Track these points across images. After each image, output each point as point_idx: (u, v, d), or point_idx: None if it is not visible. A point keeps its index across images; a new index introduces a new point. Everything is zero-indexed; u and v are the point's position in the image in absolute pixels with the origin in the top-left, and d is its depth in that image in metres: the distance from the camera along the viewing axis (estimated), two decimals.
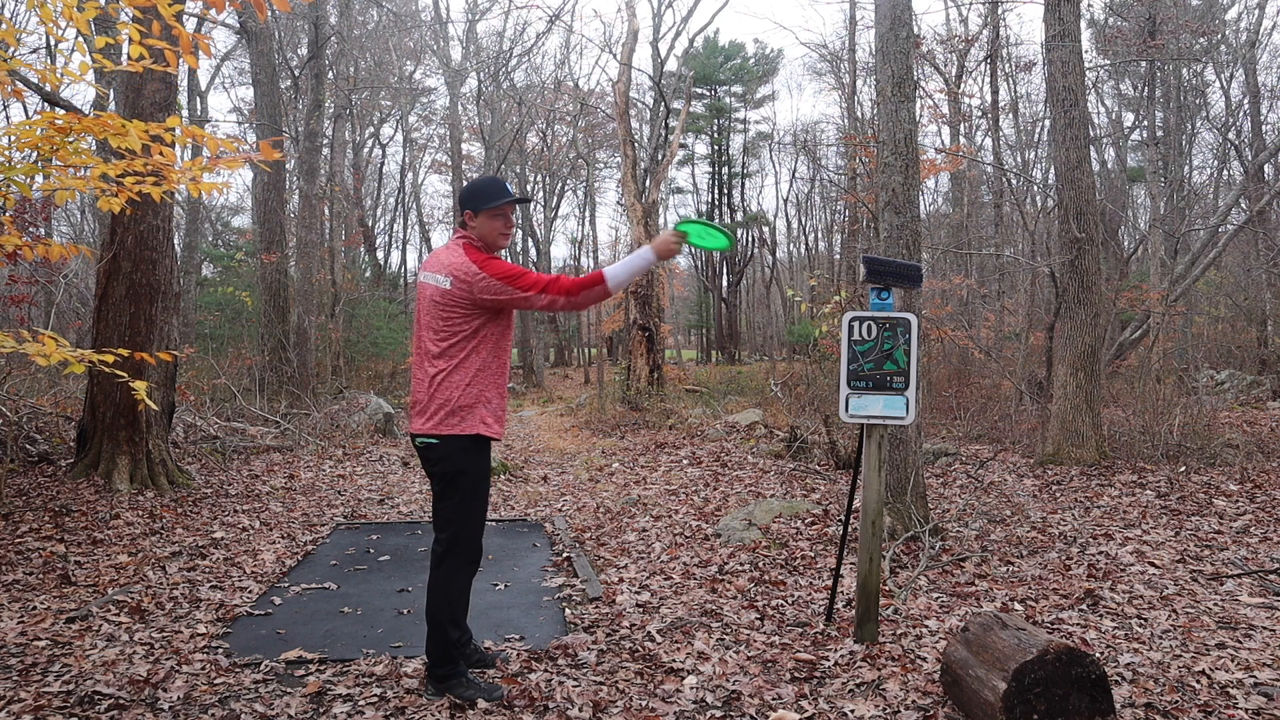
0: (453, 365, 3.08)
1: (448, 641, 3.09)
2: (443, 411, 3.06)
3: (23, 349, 3.39)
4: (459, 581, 3.15)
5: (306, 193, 15.52)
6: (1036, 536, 5.32)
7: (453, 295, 3.05)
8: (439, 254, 3.17)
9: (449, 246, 3.18)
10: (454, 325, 3.08)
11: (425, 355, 3.12)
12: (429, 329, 3.11)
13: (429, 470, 3.17)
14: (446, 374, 3.08)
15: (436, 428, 3.06)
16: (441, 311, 3.07)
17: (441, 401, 3.06)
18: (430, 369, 3.09)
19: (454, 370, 3.08)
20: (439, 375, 3.08)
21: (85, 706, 3.00)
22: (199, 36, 3.52)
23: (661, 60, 20.31)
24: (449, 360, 3.08)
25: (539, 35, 37.59)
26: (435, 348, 3.09)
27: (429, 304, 3.11)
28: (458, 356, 3.08)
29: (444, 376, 3.08)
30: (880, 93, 5.45)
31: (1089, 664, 2.66)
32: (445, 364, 3.08)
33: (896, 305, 4.48)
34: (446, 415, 3.06)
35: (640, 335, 15.32)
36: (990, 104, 17.77)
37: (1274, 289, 15.34)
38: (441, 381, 3.07)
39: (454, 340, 3.09)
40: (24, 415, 7.82)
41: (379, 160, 31.64)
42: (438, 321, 3.08)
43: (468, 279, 3.04)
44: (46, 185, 3.82)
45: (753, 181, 41.37)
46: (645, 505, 6.76)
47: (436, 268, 3.12)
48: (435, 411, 3.07)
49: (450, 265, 3.08)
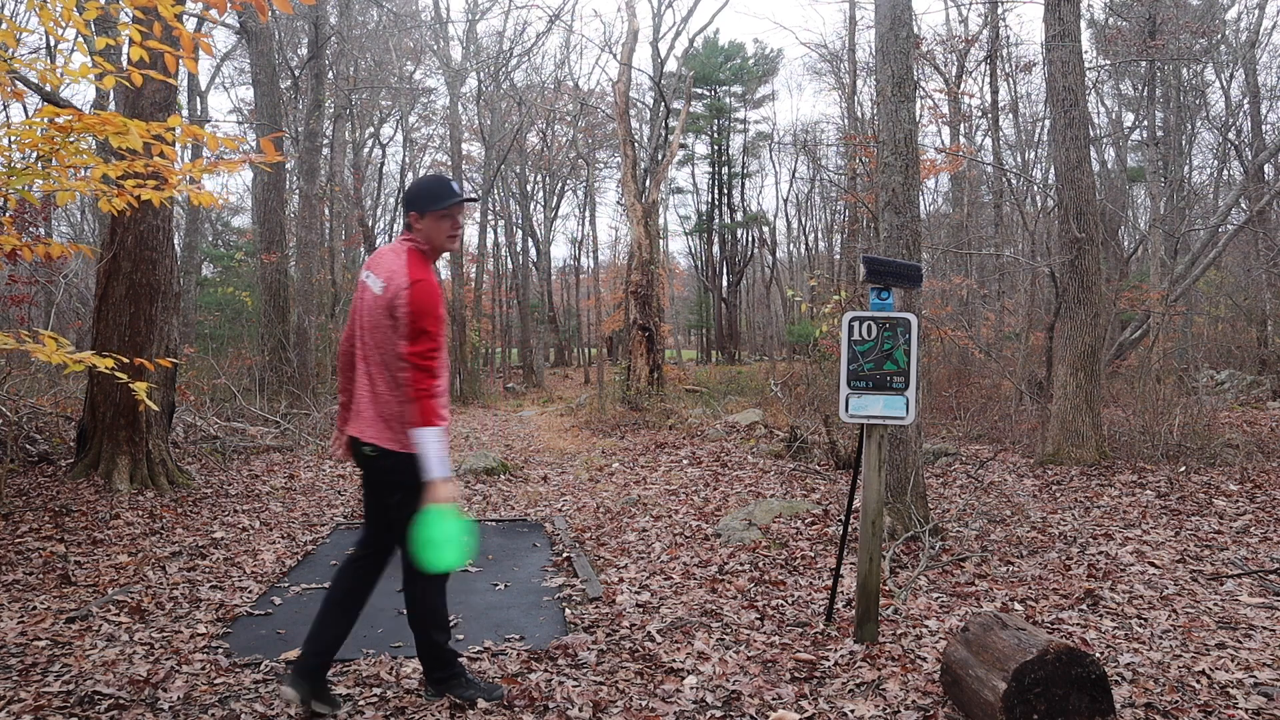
0: (399, 376, 2.90)
1: (440, 646, 3.06)
2: (382, 425, 2.88)
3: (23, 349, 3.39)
4: (437, 587, 3.09)
5: (306, 193, 15.52)
6: (1036, 536, 5.33)
7: (381, 304, 2.89)
8: (384, 255, 2.98)
9: (394, 249, 2.98)
10: (392, 337, 2.92)
11: (385, 360, 2.88)
12: (371, 334, 2.90)
13: (386, 479, 2.95)
14: (391, 385, 2.90)
15: (374, 436, 2.88)
16: (376, 318, 2.90)
17: (378, 416, 2.89)
18: (380, 385, 2.89)
19: (397, 382, 2.91)
20: (386, 390, 2.89)
21: (85, 706, 3.00)
22: (199, 36, 3.52)
23: (661, 60, 20.32)
24: (403, 371, 2.88)
25: (539, 35, 37.63)
26: (386, 363, 2.89)
27: (368, 308, 2.93)
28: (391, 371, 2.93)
29: (391, 393, 2.90)
30: (880, 93, 5.45)
31: (1089, 664, 2.66)
32: (405, 374, 2.87)
33: (896, 305, 4.48)
34: (385, 429, 2.88)
35: (640, 335, 15.32)
36: (990, 104, 17.78)
37: (1274, 289, 15.34)
38: (388, 398, 2.89)
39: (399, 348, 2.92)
40: (24, 415, 7.83)
41: (379, 160, 31.65)
42: (377, 331, 2.90)
43: (393, 289, 2.85)
44: (47, 186, 3.83)
45: (753, 181, 41.44)
46: (645, 505, 6.76)
47: (377, 269, 2.95)
48: (374, 421, 2.88)
49: (391, 270, 2.89)
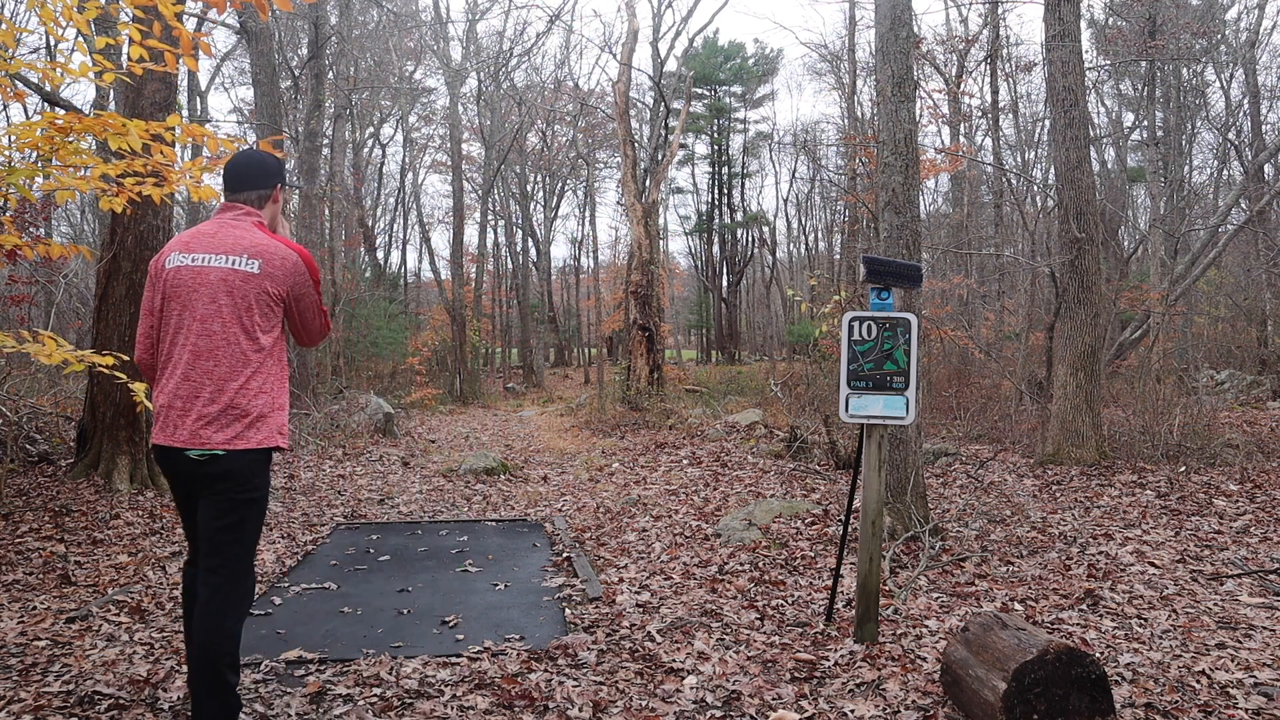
0: (261, 362, 2.65)
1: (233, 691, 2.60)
2: (246, 419, 2.58)
3: (23, 349, 3.39)
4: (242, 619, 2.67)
5: (306, 193, 15.52)
6: (1036, 536, 5.32)
7: (257, 283, 2.62)
8: (220, 233, 2.66)
9: (234, 224, 2.70)
10: (268, 317, 2.66)
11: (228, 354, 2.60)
12: (233, 318, 2.60)
13: (209, 488, 2.59)
14: (255, 372, 2.63)
15: (235, 439, 2.57)
16: (242, 299, 2.61)
17: (245, 406, 2.59)
18: (242, 374, 2.60)
19: (261, 368, 2.65)
20: (248, 381, 2.61)
21: (85, 706, 3.00)
22: (199, 35, 3.53)
23: (661, 60, 20.32)
24: (261, 356, 2.64)
25: (539, 35, 37.58)
26: (248, 342, 2.61)
27: (223, 290, 2.60)
28: (271, 352, 2.68)
29: (251, 375, 2.62)
30: (880, 93, 5.45)
31: (1089, 664, 2.66)
32: (258, 359, 2.63)
33: (896, 305, 4.48)
34: (251, 423, 2.59)
35: (640, 335, 15.32)
36: (990, 104, 17.77)
37: (1274, 289, 15.34)
38: (247, 381, 2.60)
39: (270, 333, 2.68)
40: (24, 415, 7.82)
41: (379, 160, 31.65)
42: (245, 314, 2.61)
43: (284, 270, 2.66)
44: (47, 185, 3.83)
45: (753, 181, 41.42)
46: (645, 505, 6.76)
47: (224, 248, 2.63)
48: (235, 418, 2.57)
49: (257, 248, 2.64)
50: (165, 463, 2.66)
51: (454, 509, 6.88)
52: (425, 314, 31.02)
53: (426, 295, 36.15)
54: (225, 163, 2.86)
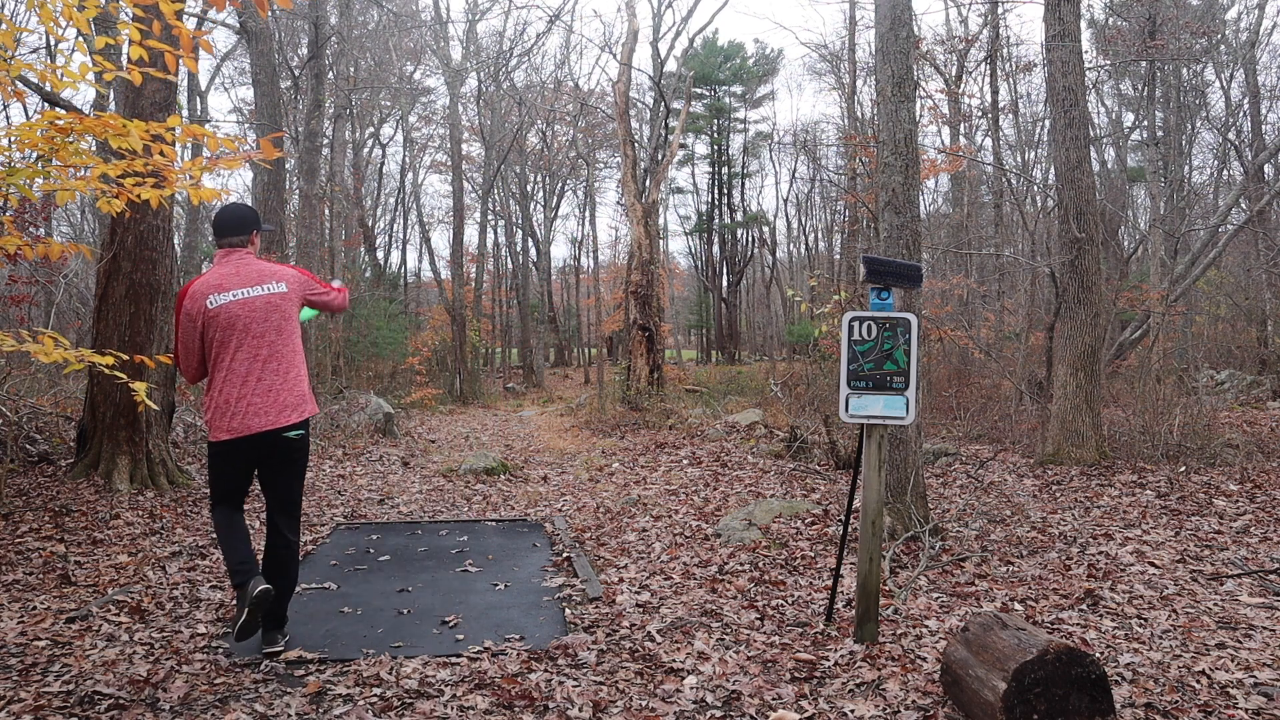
0: (301, 355, 3.56)
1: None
2: (306, 399, 3.52)
3: (23, 349, 3.39)
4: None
5: (306, 193, 15.52)
6: (1036, 536, 5.32)
7: (289, 298, 3.51)
8: (242, 271, 3.47)
9: (245, 262, 3.51)
10: (297, 320, 3.57)
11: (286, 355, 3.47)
12: (283, 329, 3.47)
13: (294, 459, 3.54)
14: (301, 363, 3.55)
15: (302, 416, 3.48)
16: (284, 314, 3.49)
17: (302, 393, 3.50)
18: (296, 367, 3.50)
19: (302, 359, 3.57)
20: (299, 370, 3.51)
21: (85, 706, 3.00)
22: (199, 35, 3.52)
23: (661, 60, 20.32)
24: (298, 350, 3.54)
25: (539, 35, 37.57)
26: (295, 343, 3.52)
27: (270, 311, 3.45)
28: (300, 346, 3.58)
29: (301, 370, 3.53)
30: (880, 93, 5.45)
31: (1089, 664, 2.66)
32: (298, 354, 3.54)
33: (896, 305, 4.48)
34: (306, 403, 3.52)
35: (640, 335, 15.32)
36: (990, 104, 17.77)
37: (1274, 289, 15.34)
38: (300, 372, 3.52)
39: (299, 332, 3.59)
40: (24, 415, 7.82)
41: (379, 160, 31.65)
42: (287, 323, 3.50)
43: (298, 283, 3.58)
44: (47, 185, 3.82)
45: (753, 181, 41.39)
46: (645, 505, 6.75)
47: (253, 280, 3.46)
48: (302, 400, 3.49)
49: (276, 274, 3.52)
50: (245, 446, 3.41)
51: (454, 509, 6.88)
52: (425, 314, 31.01)
53: (426, 295, 36.15)
54: (214, 215, 3.67)
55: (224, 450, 3.45)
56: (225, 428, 3.38)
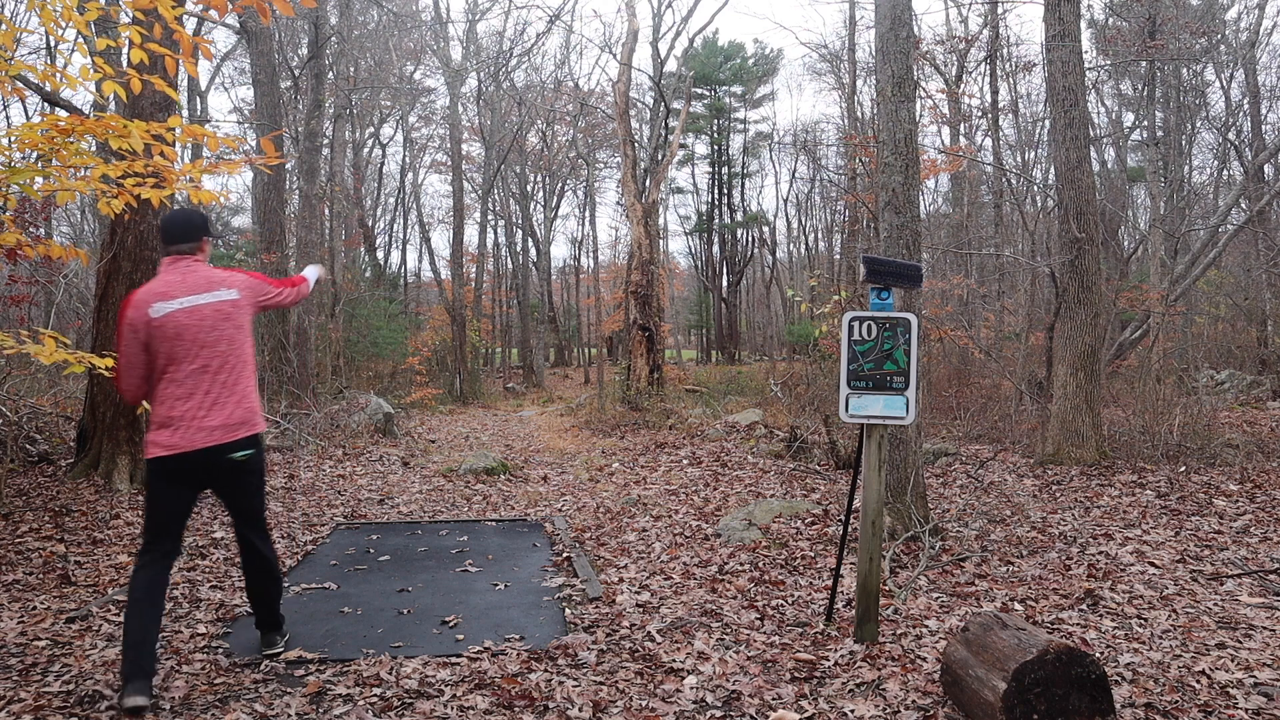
0: (250, 368, 3.32)
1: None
2: (255, 414, 3.30)
3: (23, 349, 3.40)
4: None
5: (306, 193, 15.52)
6: (1036, 536, 5.33)
7: (240, 307, 3.29)
8: (189, 278, 3.23)
9: (194, 269, 3.26)
10: (248, 329, 3.33)
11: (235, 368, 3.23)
12: (232, 339, 3.23)
13: (245, 480, 3.31)
14: (251, 376, 3.32)
15: (251, 432, 3.26)
16: (234, 322, 3.26)
17: (251, 408, 3.28)
18: (245, 380, 3.27)
19: (251, 373, 3.33)
20: (248, 384, 3.28)
21: (85, 706, 3.00)
22: (200, 40, 3.52)
23: (661, 60, 20.31)
24: (249, 363, 3.31)
25: (539, 35, 37.52)
26: (244, 355, 3.28)
27: (220, 320, 3.21)
28: (251, 357, 3.35)
29: (251, 384, 3.31)
30: (880, 93, 5.45)
31: (1089, 664, 2.66)
32: (248, 367, 3.30)
33: (896, 305, 4.48)
34: (256, 419, 3.30)
35: (640, 335, 15.32)
36: (990, 104, 17.77)
37: (1274, 289, 15.34)
38: (248, 385, 3.29)
39: (251, 342, 3.35)
40: (24, 415, 7.82)
41: (379, 160, 31.65)
42: (239, 334, 3.26)
43: (250, 289, 3.36)
44: (48, 185, 3.82)
45: (753, 181, 41.37)
46: (645, 505, 6.76)
47: (201, 288, 3.22)
48: (251, 416, 3.27)
49: (226, 280, 3.29)
50: (187, 465, 3.15)
51: (454, 509, 6.88)
52: (425, 314, 31.02)
53: (426, 295, 36.15)
54: (160, 221, 3.43)
55: (162, 469, 3.15)
56: (164, 443, 3.11)
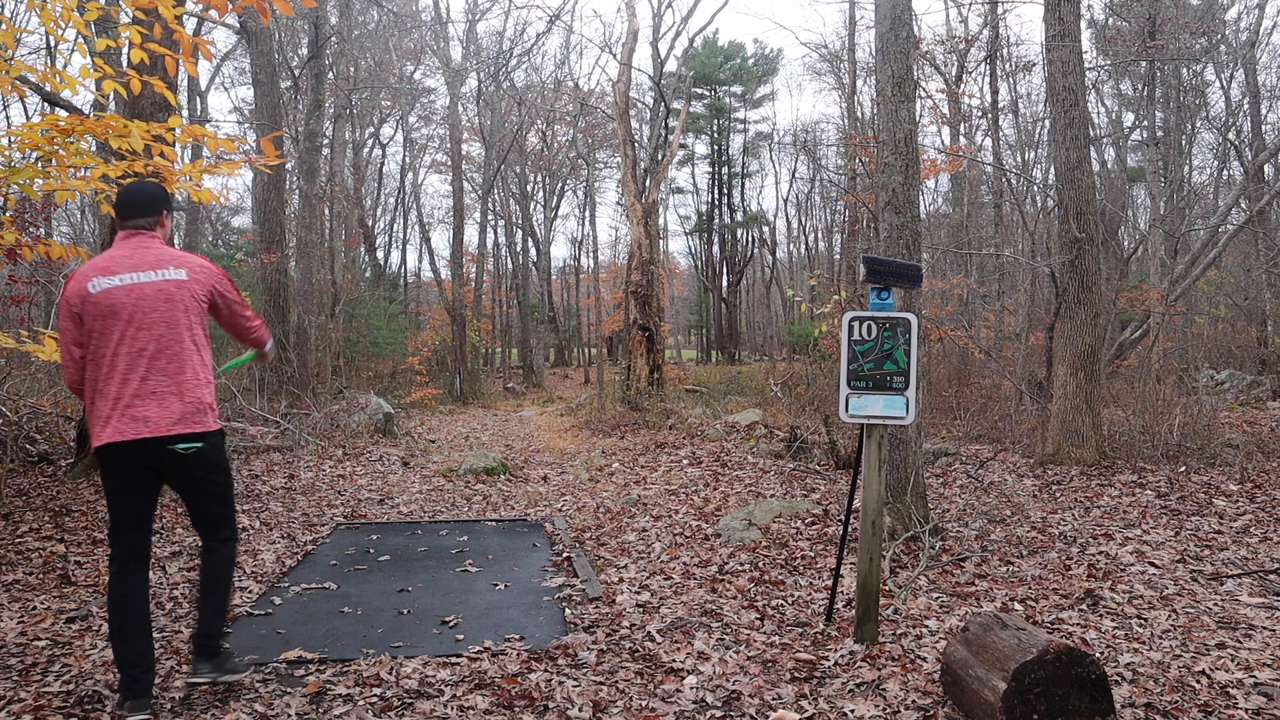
0: (201, 357, 2.99)
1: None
2: (204, 407, 2.96)
3: (23, 349, 3.40)
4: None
5: (306, 193, 15.52)
6: (1036, 536, 5.33)
7: (187, 289, 2.95)
8: (136, 254, 2.94)
9: (145, 245, 2.97)
10: (200, 315, 3.00)
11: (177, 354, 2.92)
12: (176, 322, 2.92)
13: (195, 477, 3.01)
14: (200, 366, 2.98)
15: (205, 427, 2.95)
16: (180, 304, 2.94)
17: (198, 400, 2.94)
18: (191, 369, 2.94)
19: (202, 362, 2.99)
20: (195, 373, 2.95)
21: (85, 706, 3.00)
22: (200, 41, 3.53)
23: (661, 60, 20.31)
24: (199, 351, 2.98)
25: (539, 35, 37.55)
26: (190, 341, 2.95)
27: (162, 300, 2.91)
28: (204, 347, 3.02)
29: (199, 374, 2.97)
30: (880, 93, 5.45)
31: (1089, 664, 2.66)
32: (198, 355, 2.97)
33: (896, 305, 4.48)
34: (208, 410, 2.98)
35: (640, 335, 15.32)
36: (990, 104, 17.77)
37: (1274, 289, 15.34)
38: (195, 374, 2.95)
39: (202, 330, 3.02)
40: (24, 415, 7.82)
41: (379, 160, 31.67)
42: (184, 316, 2.94)
43: (206, 273, 3.02)
44: (48, 185, 3.82)
45: (753, 181, 41.41)
46: (645, 505, 6.76)
47: (147, 265, 2.92)
48: (199, 409, 2.94)
49: (177, 259, 2.98)
50: (129, 456, 2.89)
51: (454, 509, 6.88)
52: (425, 314, 31.04)
53: (426, 295, 36.17)
54: (117, 193, 3.09)
55: (106, 460, 2.94)
56: (100, 433, 2.88)
